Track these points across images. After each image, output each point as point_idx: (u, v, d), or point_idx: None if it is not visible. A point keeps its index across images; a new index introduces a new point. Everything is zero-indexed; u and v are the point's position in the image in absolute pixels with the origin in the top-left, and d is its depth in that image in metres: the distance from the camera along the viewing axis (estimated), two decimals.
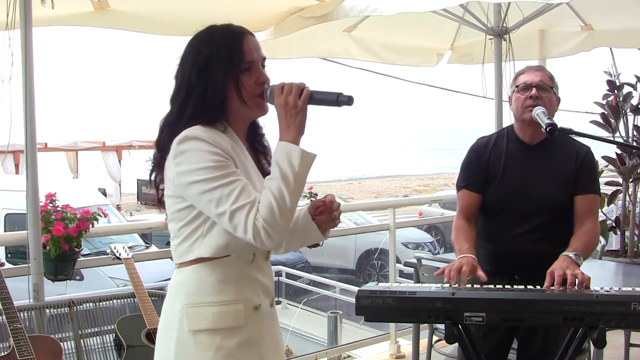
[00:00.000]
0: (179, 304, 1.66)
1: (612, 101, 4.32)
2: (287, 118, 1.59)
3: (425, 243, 12.74)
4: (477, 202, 2.59)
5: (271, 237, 1.53)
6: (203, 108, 1.64)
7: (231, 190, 1.54)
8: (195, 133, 1.59)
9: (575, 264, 2.23)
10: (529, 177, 2.53)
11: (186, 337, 1.64)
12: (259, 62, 1.69)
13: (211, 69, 1.64)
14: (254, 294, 1.69)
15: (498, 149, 2.62)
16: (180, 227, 1.66)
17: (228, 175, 1.56)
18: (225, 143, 1.61)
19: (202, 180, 1.55)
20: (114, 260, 3.31)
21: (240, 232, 1.54)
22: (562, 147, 2.55)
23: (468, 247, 2.42)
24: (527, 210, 2.50)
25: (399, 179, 37.63)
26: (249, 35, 1.71)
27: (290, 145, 1.57)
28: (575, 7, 4.61)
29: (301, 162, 1.55)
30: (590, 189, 2.52)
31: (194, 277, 1.65)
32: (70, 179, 14.62)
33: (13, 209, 7.67)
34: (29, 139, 2.96)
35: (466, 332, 2.08)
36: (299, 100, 1.58)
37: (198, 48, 1.68)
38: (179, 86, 1.68)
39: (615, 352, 3.70)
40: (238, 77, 1.65)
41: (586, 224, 2.46)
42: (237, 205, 1.53)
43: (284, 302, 9.71)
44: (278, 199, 1.53)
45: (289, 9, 3.98)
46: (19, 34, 2.94)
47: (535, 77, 2.53)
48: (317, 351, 5.02)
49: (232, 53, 1.65)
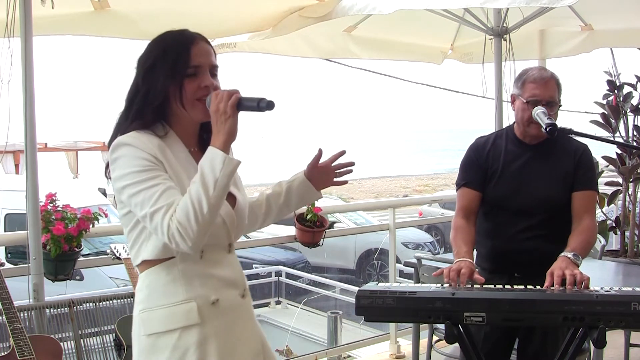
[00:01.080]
0: (136, 310, 1.72)
1: (612, 101, 4.32)
2: (218, 124, 1.61)
3: (425, 243, 12.74)
4: (476, 201, 2.59)
5: (185, 240, 1.55)
6: (144, 109, 1.68)
7: (153, 193, 1.58)
8: (125, 140, 1.63)
9: (574, 264, 2.23)
10: (528, 174, 2.54)
11: (144, 342, 1.69)
12: (206, 68, 1.71)
13: (156, 70, 1.67)
14: (208, 290, 1.69)
15: (497, 147, 2.62)
16: (128, 232, 1.71)
17: (152, 178, 1.59)
18: (154, 147, 1.63)
19: (130, 185, 1.60)
20: (114, 260, 3.31)
21: (158, 233, 1.58)
22: (561, 146, 2.56)
23: (466, 250, 2.41)
24: (526, 207, 2.51)
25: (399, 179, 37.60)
26: (201, 41, 1.73)
27: (215, 150, 1.59)
28: (575, 7, 4.60)
29: (223, 168, 1.57)
30: (588, 185, 2.53)
31: (146, 282, 1.71)
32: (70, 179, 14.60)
33: (13, 209, 7.66)
34: (29, 139, 2.96)
35: (466, 332, 2.08)
36: (227, 106, 1.60)
37: (150, 50, 1.72)
38: (130, 86, 1.73)
39: (615, 352, 3.70)
40: (181, 81, 1.67)
41: (584, 221, 2.46)
42: (156, 207, 1.56)
43: (284, 302, 9.71)
44: (195, 202, 1.55)
45: (288, 9, 3.98)
46: (19, 34, 2.94)
47: (546, 92, 2.48)
48: (317, 351, 5.02)
49: (179, 56, 1.67)
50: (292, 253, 11.52)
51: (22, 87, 2.93)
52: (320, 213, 4.09)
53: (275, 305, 9.69)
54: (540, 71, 2.57)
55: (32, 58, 2.95)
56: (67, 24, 3.52)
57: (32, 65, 2.94)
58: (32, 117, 2.95)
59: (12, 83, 2.91)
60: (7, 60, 2.91)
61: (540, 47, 5.10)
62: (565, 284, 2.12)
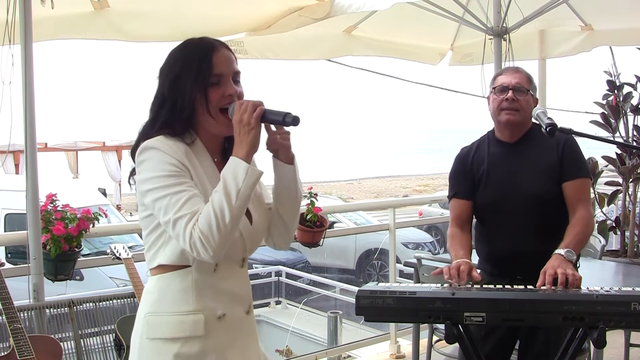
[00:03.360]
0: (143, 312, 1.71)
1: (612, 101, 4.32)
2: (241, 135, 1.61)
3: (425, 243, 12.74)
4: (468, 209, 2.62)
5: (206, 249, 1.55)
6: (173, 118, 1.68)
7: (177, 200, 1.58)
8: (153, 143, 1.63)
9: (567, 262, 2.23)
10: (514, 175, 2.54)
11: (145, 344, 1.69)
12: (229, 75, 1.71)
13: (182, 80, 1.67)
14: (217, 304, 1.70)
15: (480, 154, 2.64)
16: (147, 234, 1.71)
17: (178, 184, 1.60)
18: (181, 153, 1.64)
19: (155, 189, 1.60)
20: (114, 260, 3.31)
21: (180, 241, 1.58)
22: (542, 140, 2.49)
23: (464, 253, 2.43)
24: (518, 207, 2.51)
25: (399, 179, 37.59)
26: (222, 48, 1.73)
27: (238, 160, 1.59)
28: (575, 7, 4.61)
29: (245, 178, 1.57)
30: (577, 173, 2.50)
31: (157, 286, 1.70)
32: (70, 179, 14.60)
33: (13, 209, 7.66)
34: (29, 139, 2.97)
35: (466, 332, 2.08)
36: (251, 117, 1.60)
37: (173, 60, 1.72)
38: (155, 96, 1.73)
39: (615, 352, 3.70)
40: (206, 90, 1.67)
41: (578, 211, 2.44)
42: (179, 215, 1.57)
43: (284, 302, 9.71)
44: (217, 212, 1.55)
45: (288, 9, 3.98)
46: (19, 35, 2.94)
47: (513, 79, 2.54)
48: (317, 351, 5.03)
49: (201, 65, 1.67)
50: (292, 253, 11.52)
51: (22, 87, 2.93)
52: (320, 213, 4.09)
53: (275, 305, 9.69)
54: (509, 67, 2.71)
55: (32, 58, 2.95)
56: (67, 27, 3.52)
57: (32, 65, 2.95)
58: (32, 117, 2.95)
59: (12, 83, 2.91)
60: (8, 61, 2.92)
61: (540, 47, 5.11)
62: (556, 283, 2.12)
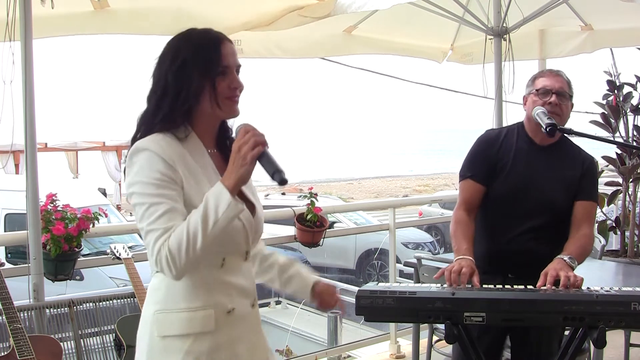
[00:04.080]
0: (151, 310, 1.70)
1: (612, 101, 4.32)
2: (234, 164, 1.59)
3: (425, 243, 12.73)
4: (479, 194, 2.56)
5: (170, 269, 1.55)
6: (174, 109, 1.67)
7: (154, 211, 1.57)
8: (144, 144, 1.63)
9: (569, 267, 2.24)
10: (535, 176, 2.52)
11: (156, 342, 1.68)
12: (234, 67, 1.71)
13: (188, 69, 1.66)
14: (226, 298, 1.70)
15: (508, 143, 2.59)
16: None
17: (159, 195, 1.59)
18: (174, 154, 1.63)
19: (137, 193, 1.61)
20: (114, 260, 3.31)
21: (148, 252, 1.59)
22: (569, 152, 2.57)
23: (467, 247, 2.40)
24: (529, 209, 2.50)
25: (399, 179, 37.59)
26: (227, 41, 1.74)
27: (224, 190, 1.56)
28: (575, 7, 4.61)
29: (226, 211, 1.55)
30: (591, 196, 2.55)
31: (165, 283, 1.68)
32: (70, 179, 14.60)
33: (13, 209, 7.65)
34: (29, 139, 2.96)
35: (466, 332, 2.08)
36: (249, 153, 1.58)
37: (176, 48, 1.70)
38: (156, 85, 1.70)
39: (615, 352, 3.70)
40: (214, 79, 1.67)
41: (582, 229, 2.47)
42: (152, 227, 1.57)
43: (284, 302, 9.70)
44: (190, 236, 1.54)
45: (288, 7, 3.98)
46: (19, 34, 2.94)
47: (556, 83, 2.51)
48: (317, 351, 5.03)
49: (210, 55, 1.67)
50: (292, 253, 11.50)
51: (22, 87, 2.93)
52: (320, 213, 4.09)
53: (275, 305, 9.68)
54: (550, 69, 2.66)
55: (32, 58, 2.95)
56: (66, 25, 3.52)
57: (32, 65, 2.94)
58: (32, 117, 2.95)
59: (12, 83, 2.91)
60: (8, 60, 2.91)
61: (540, 47, 5.10)
62: (558, 285, 2.13)
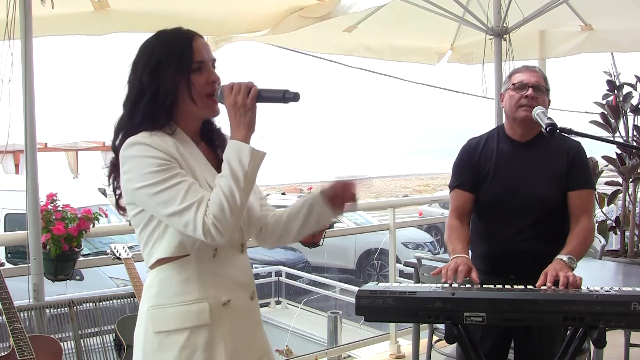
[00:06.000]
0: (145, 306, 1.70)
1: (612, 101, 4.32)
2: (237, 117, 1.62)
3: (425, 243, 12.74)
4: (469, 202, 2.60)
5: (222, 234, 1.55)
6: (155, 109, 1.67)
7: (178, 191, 1.57)
8: (137, 139, 1.62)
9: (568, 267, 2.25)
10: (521, 175, 2.54)
11: (151, 339, 1.68)
12: (209, 62, 1.72)
13: (163, 69, 1.67)
14: (220, 290, 1.69)
15: (489, 148, 2.62)
16: (139, 232, 1.71)
17: (173, 177, 1.59)
18: (169, 146, 1.63)
19: (148, 185, 1.59)
20: (114, 260, 3.30)
21: (190, 229, 1.57)
22: (553, 144, 2.53)
23: (462, 247, 2.42)
24: (520, 208, 2.51)
25: (399, 179, 37.57)
26: (198, 36, 1.75)
27: (240, 143, 1.59)
28: (575, 7, 4.61)
29: (251, 161, 1.58)
30: (584, 184, 2.53)
31: (158, 279, 1.69)
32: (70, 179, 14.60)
33: (13, 209, 7.66)
34: (29, 139, 2.96)
35: (466, 332, 2.08)
36: (247, 99, 1.61)
37: (150, 50, 1.71)
38: (131, 88, 1.71)
39: (615, 352, 3.70)
40: (189, 77, 1.68)
41: (581, 222, 2.46)
42: (185, 205, 1.56)
43: (284, 302, 9.72)
44: (228, 196, 1.55)
45: (288, 8, 3.98)
46: (19, 34, 2.94)
47: (532, 78, 2.54)
48: (317, 351, 5.03)
49: (183, 53, 1.68)
50: (292, 253, 11.53)
51: (22, 87, 2.93)
52: None
53: (275, 305, 9.70)
54: (526, 65, 2.66)
55: (32, 58, 2.95)
56: (67, 25, 3.52)
57: (32, 65, 2.94)
58: (32, 117, 2.95)
59: (12, 83, 2.91)
60: (8, 60, 2.91)
61: (540, 47, 5.10)
62: (557, 285, 2.13)
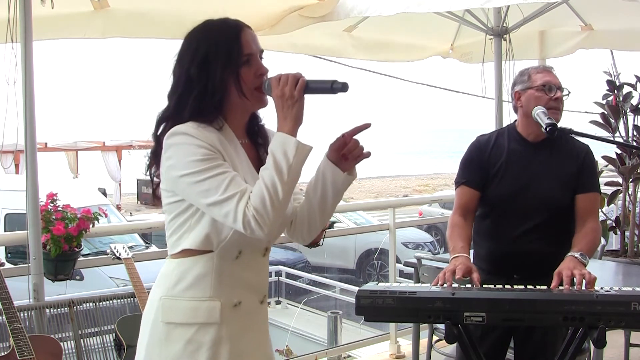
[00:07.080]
0: (158, 294, 1.69)
1: (612, 101, 4.31)
2: (284, 109, 1.58)
3: (425, 243, 12.75)
4: (474, 200, 2.57)
5: (261, 227, 1.52)
6: (204, 104, 1.64)
7: (221, 181, 1.55)
8: (183, 129, 1.60)
9: (581, 264, 2.23)
10: (531, 175, 2.52)
11: (159, 328, 1.67)
12: (257, 54, 1.69)
13: (211, 63, 1.64)
14: (234, 292, 1.69)
15: (499, 146, 2.60)
16: (171, 219, 1.69)
17: (216, 167, 1.57)
18: (214, 139, 1.61)
19: (191, 173, 1.56)
20: (114, 260, 3.31)
21: (230, 220, 1.54)
22: (564, 146, 2.54)
23: (462, 245, 2.40)
24: (528, 208, 2.50)
25: (399, 179, 37.57)
26: (246, 28, 1.71)
27: (286, 136, 1.56)
28: (575, 7, 4.61)
29: (296, 154, 1.54)
30: (592, 188, 2.53)
31: (176, 270, 1.68)
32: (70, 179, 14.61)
33: (13, 209, 7.67)
34: (29, 139, 2.96)
35: (466, 332, 2.08)
36: (294, 90, 1.58)
37: (196, 43, 1.68)
38: (177, 81, 1.68)
39: (615, 352, 3.69)
40: (238, 71, 1.65)
41: (588, 223, 2.46)
42: (227, 195, 1.53)
43: (284, 302, 9.71)
44: (270, 189, 1.52)
45: (288, 8, 3.98)
46: (19, 35, 2.94)
47: (556, 79, 2.52)
48: (317, 351, 5.03)
49: (231, 46, 1.65)
50: (292, 253, 11.52)
51: (22, 87, 2.93)
52: None
53: (275, 305, 9.69)
54: (543, 65, 2.67)
55: (32, 58, 2.95)
56: (67, 26, 3.51)
57: (32, 65, 2.94)
58: (32, 117, 2.94)
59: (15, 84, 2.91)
60: (11, 62, 2.91)
61: (540, 47, 5.10)
62: (573, 284, 2.12)
